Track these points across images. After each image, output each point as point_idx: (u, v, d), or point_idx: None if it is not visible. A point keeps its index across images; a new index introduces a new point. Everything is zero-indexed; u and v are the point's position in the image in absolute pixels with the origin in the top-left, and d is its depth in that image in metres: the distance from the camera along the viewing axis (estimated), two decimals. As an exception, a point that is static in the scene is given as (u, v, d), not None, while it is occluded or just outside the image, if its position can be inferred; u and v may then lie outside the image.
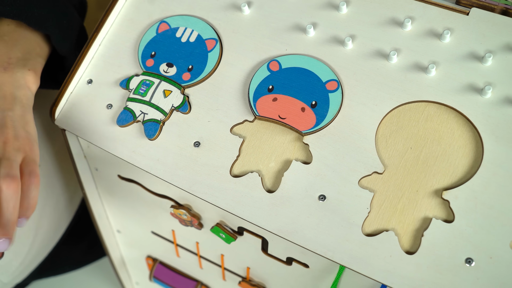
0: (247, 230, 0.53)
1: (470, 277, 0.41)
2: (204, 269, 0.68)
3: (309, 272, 0.52)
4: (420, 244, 0.43)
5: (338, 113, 0.49)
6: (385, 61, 0.51)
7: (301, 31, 0.54)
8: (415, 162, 0.47)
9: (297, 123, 0.49)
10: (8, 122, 0.49)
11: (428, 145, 0.47)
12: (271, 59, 0.52)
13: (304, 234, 0.45)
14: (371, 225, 0.45)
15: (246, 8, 0.55)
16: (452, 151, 0.47)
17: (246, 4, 0.55)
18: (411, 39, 0.52)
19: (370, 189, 0.46)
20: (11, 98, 0.51)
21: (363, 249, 0.44)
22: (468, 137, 0.47)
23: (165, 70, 0.54)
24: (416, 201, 0.45)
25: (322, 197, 0.46)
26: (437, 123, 0.48)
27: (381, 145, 0.48)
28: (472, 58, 0.50)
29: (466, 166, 0.46)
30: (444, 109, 0.48)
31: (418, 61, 0.51)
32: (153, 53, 0.55)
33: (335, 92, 0.50)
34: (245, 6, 0.55)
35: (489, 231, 0.43)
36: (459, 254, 0.42)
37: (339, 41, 0.53)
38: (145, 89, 0.53)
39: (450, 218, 0.44)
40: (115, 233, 0.75)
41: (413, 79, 0.50)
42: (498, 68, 0.49)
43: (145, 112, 0.52)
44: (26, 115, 0.51)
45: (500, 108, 0.47)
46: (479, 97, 0.48)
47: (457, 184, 0.45)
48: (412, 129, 0.48)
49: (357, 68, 0.51)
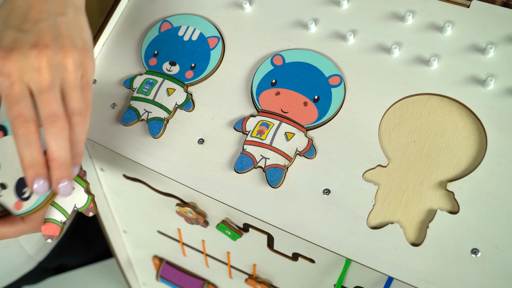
0: (252, 227, 0.53)
1: (476, 268, 0.41)
2: (211, 268, 0.68)
3: (315, 267, 0.52)
4: (425, 236, 0.43)
5: (341, 107, 0.50)
6: (386, 55, 0.51)
7: (303, 27, 0.54)
8: (419, 155, 0.47)
9: (299, 117, 0.49)
10: (63, 29, 0.41)
11: (431, 137, 0.47)
12: (274, 54, 0.53)
13: (310, 228, 0.45)
14: (376, 218, 0.45)
15: (248, 5, 0.55)
16: (455, 143, 0.47)
17: (247, 1, 0.55)
18: (412, 33, 0.52)
19: (375, 182, 0.46)
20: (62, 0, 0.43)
21: (369, 242, 0.44)
22: (471, 128, 0.47)
23: (168, 68, 0.54)
24: (420, 193, 0.45)
25: (327, 191, 0.46)
26: (440, 115, 0.48)
27: (384, 139, 0.48)
28: (474, 50, 0.50)
29: (470, 157, 0.46)
30: (446, 101, 0.49)
31: (419, 54, 0.51)
32: (156, 52, 0.55)
33: (338, 87, 0.50)
34: (246, 4, 0.55)
35: (494, 222, 0.43)
36: (465, 245, 0.42)
37: (340, 36, 0.53)
38: (149, 88, 0.54)
39: (455, 209, 0.44)
40: (121, 234, 0.75)
41: (415, 72, 0.50)
42: (500, 59, 0.49)
43: (149, 111, 0.53)
44: (80, 19, 0.44)
45: (502, 99, 0.47)
46: (482, 89, 0.48)
47: (461, 175, 0.45)
48: (415, 122, 0.48)
49: (359, 63, 0.51)
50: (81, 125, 0.41)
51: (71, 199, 0.49)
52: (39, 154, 0.40)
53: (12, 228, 0.46)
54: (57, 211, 0.49)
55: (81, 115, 0.41)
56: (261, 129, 0.49)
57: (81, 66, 0.42)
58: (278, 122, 0.49)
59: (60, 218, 0.50)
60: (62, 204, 0.49)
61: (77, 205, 0.50)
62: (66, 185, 0.41)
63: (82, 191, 0.49)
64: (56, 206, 0.49)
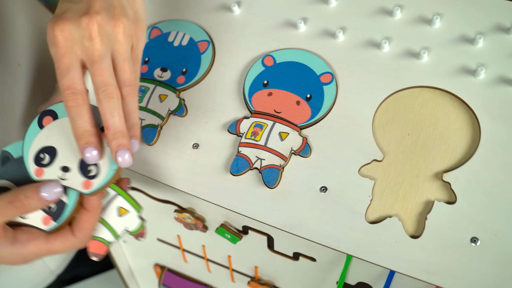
0: (251, 229, 0.53)
1: (476, 256, 0.41)
2: (213, 272, 0.68)
3: (316, 265, 0.52)
4: (424, 228, 0.43)
5: (333, 104, 0.50)
6: (377, 50, 0.52)
7: (292, 27, 0.54)
8: (414, 147, 0.47)
9: (293, 116, 0.49)
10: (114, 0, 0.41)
11: (425, 129, 0.47)
12: (265, 55, 0.53)
13: (309, 227, 0.45)
14: (374, 212, 0.45)
15: (236, 8, 0.55)
16: (449, 134, 0.47)
17: (236, 4, 0.55)
18: (402, 27, 0.52)
19: (371, 177, 0.46)
20: None
21: (368, 237, 0.44)
22: (464, 118, 0.47)
23: (159, 75, 0.54)
24: (417, 185, 0.45)
25: (324, 189, 0.46)
26: (432, 107, 0.48)
27: (378, 133, 0.48)
28: (463, 41, 0.50)
29: (465, 147, 0.46)
30: (438, 93, 0.49)
31: (409, 47, 0.51)
32: (146, 59, 0.55)
33: (330, 85, 0.50)
34: (235, 6, 0.55)
35: (492, 209, 0.43)
36: (464, 234, 0.42)
37: (330, 34, 0.53)
38: (141, 95, 0.54)
39: (452, 199, 0.44)
40: (121, 244, 0.75)
41: (406, 66, 0.50)
42: (489, 49, 0.50)
43: (142, 118, 0.53)
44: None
45: (494, 88, 0.48)
46: (473, 79, 0.48)
47: (457, 165, 0.45)
48: (408, 115, 0.48)
49: (349, 59, 0.52)
50: (132, 95, 0.42)
51: (123, 221, 0.48)
52: (88, 124, 0.41)
53: (64, 243, 0.45)
54: (106, 230, 0.48)
55: (132, 86, 0.42)
56: (255, 130, 0.49)
57: (131, 37, 0.41)
58: (272, 122, 0.49)
59: (109, 238, 0.48)
60: (113, 225, 0.48)
61: (129, 228, 0.49)
62: (124, 154, 0.41)
63: (135, 215, 0.48)
64: (106, 225, 0.48)
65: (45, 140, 0.45)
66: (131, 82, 0.42)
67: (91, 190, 0.44)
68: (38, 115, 0.46)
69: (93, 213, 0.45)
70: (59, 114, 0.45)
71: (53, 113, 0.45)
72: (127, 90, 0.42)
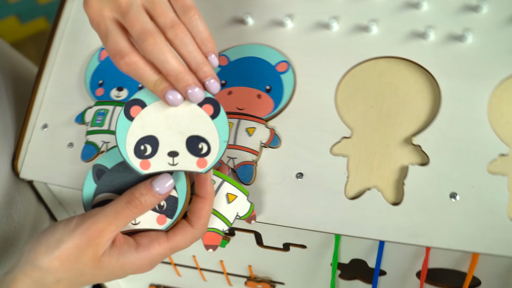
0: (237, 229, 0.52)
1: (458, 211, 0.42)
2: (208, 281, 0.67)
3: (308, 252, 0.52)
4: (403, 193, 0.44)
5: (294, 91, 0.50)
6: (327, 31, 0.52)
7: (240, 23, 0.54)
8: (379, 118, 0.47)
9: (256, 110, 0.49)
10: None
11: (387, 99, 0.48)
12: (218, 55, 0.53)
13: (292, 215, 0.46)
14: (353, 188, 0.45)
15: (180, 14, 0.55)
16: (411, 99, 0.47)
17: (179, 11, 0.55)
18: (346, 4, 0.53)
19: (343, 155, 0.46)
20: None
21: (352, 213, 0.44)
22: (422, 81, 0.48)
23: (116, 95, 0.54)
24: (389, 154, 0.46)
25: (300, 175, 0.46)
26: (390, 76, 0.49)
27: (343, 111, 0.48)
28: (408, 6, 0.51)
29: (428, 108, 0.47)
30: (393, 61, 0.49)
31: (358, 22, 0.52)
32: (100, 82, 0.55)
33: (287, 73, 0.51)
34: (179, 13, 0.55)
35: (464, 163, 0.43)
36: (443, 191, 0.43)
37: (278, 23, 0.53)
38: (102, 118, 0.53)
39: (425, 161, 0.45)
40: (112, 271, 0.74)
41: (357, 41, 0.51)
42: (434, 10, 0.51)
43: (107, 141, 0.52)
44: None
45: (445, 47, 0.49)
46: (424, 41, 0.49)
47: (424, 127, 0.46)
48: (368, 88, 0.49)
49: (302, 45, 0.52)
50: (197, 15, 0.41)
51: (233, 207, 0.46)
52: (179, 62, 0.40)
53: (184, 237, 0.44)
54: (218, 219, 0.46)
55: (192, 8, 0.41)
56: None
57: None
58: (237, 120, 0.49)
59: (222, 227, 0.46)
60: (224, 213, 0.46)
61: (240, 213, 0.46)
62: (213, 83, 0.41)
63: (245, 199, 0.46)
64: (218, 214, 0.46)
65: (140, 131, 0.43)
66: (191, 6, 0.41)
67: (208, 167, 0.42)
68: (123, 108, 0.43)
69: (208, 199, 0.43)
70: (146, 101, 0.43)
71: (139, 102, 0.43)
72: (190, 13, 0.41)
